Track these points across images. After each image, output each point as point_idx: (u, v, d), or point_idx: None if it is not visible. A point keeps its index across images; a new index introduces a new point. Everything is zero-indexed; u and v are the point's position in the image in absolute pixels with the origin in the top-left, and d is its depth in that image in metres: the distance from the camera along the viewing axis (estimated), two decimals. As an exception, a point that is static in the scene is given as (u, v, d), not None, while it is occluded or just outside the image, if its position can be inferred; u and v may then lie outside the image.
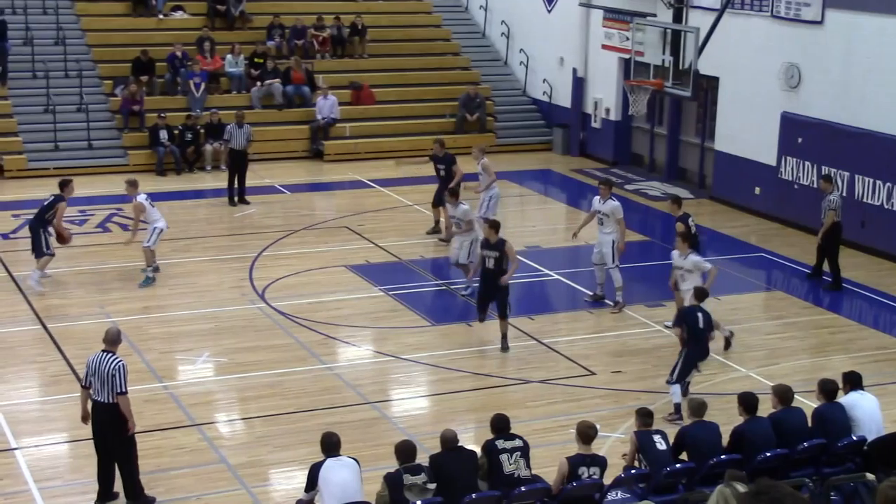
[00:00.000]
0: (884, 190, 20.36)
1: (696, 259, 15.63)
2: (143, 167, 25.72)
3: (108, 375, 11.24)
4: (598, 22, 27.10)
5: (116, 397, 11.28)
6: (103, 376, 11.27)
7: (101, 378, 11.29)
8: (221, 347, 15.99)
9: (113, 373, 11.24)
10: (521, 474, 10.57)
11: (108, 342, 11.57)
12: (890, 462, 10.62)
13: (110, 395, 11.29)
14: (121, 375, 11.27)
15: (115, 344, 11.58)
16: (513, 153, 28.74)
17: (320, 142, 27.49)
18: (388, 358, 15.76)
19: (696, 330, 13.82)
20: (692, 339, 13.87)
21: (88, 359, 11.52)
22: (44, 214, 18.26)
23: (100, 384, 11.32)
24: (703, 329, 13.85)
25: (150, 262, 18.35)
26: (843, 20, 21.20)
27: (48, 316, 16.93)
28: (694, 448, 11.04)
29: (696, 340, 13.87)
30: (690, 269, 15.52)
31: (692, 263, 15.53)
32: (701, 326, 13.83)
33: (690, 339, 13.88)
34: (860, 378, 11.92)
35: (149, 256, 18.35)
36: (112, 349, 11.49)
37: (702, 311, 13.96)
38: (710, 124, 25.23)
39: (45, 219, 18.26)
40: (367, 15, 30.65)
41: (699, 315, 13.90)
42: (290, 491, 11.75)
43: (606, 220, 17.58)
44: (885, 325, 17.59)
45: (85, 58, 27.86)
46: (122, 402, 11.32)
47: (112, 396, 11.28)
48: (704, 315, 13.94)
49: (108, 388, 11.28)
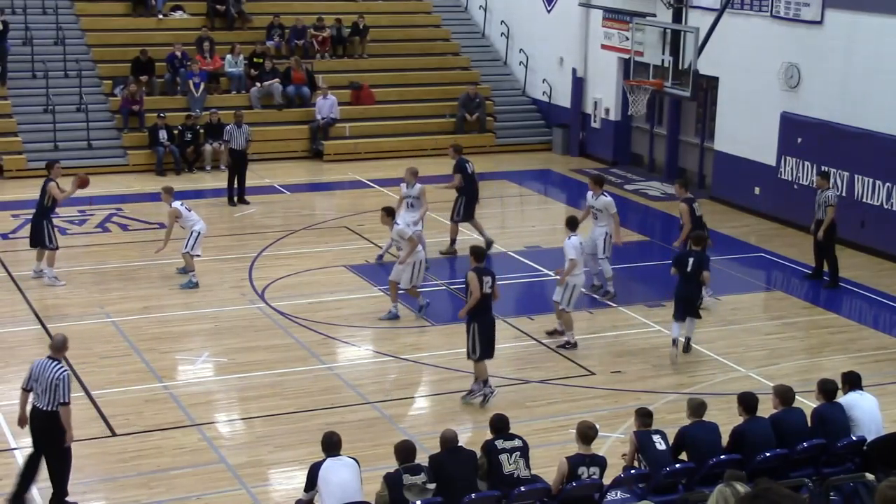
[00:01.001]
0: (883, 190, 20.36)
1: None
2: (143, 167, 25.75)
3: (51, 384, 11.11)
4: (597, 22, 27.11)
5: (58, 407, 11.14)
6: (45, 384, 11.14)
7: (42, 385, 11.16)
8: (221, 347, 16.00)
9: (56, 382, 11.10)
10: (521, 474, 10.58)
11: (53, 349, 11.45)
12: (889, 462, 10.63)
13: (51, 403, 11.15)
14: (64, 385, 11.13)
15: (61, 351, 11.45)
16: (512, 153, 28.75)
17: (320, 142, 27.50)
18: (388, 358, 15.76)
19: (685, 272, 15.58)
20: (682, 280, 15.63)
21: (33, 363, 11.43)
22: (41, 205, 18.24)
23: (41, 390, 11.19)
24: (690, 272, 15.53)
25: (191, 266, 18.19)
26: (842, 20, 21.20)
27: (48, 316, 16.93)
28: (693, 448, 11.04)
29: (685, 280, 15.58)
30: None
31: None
32: (689, 270, 15.55)
33: (681, 280, 15.64)
34: (859, 378, 11.93)
35: (189, 261, 18.18)
36: (57, 357, 11.36)
37: (694, 256, 15.65)
38: (710, 124, 25.24)
39: (44, 209, 18.23)
40: (367, 15, 30.66)
41: (691, 259, 15.61)
42: (289, 491, 11.76)
43: (600, 214, 17.90)
44: (885, 325, 17.60)
45: (84, 58, 27.87)
46: (63, 412, 11.18)
47: (53, 405, 11.15)
48: (696, 259, 15.59)
49: (49, 395, 11.14)
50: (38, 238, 18.24)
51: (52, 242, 18.24)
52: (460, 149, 20.52)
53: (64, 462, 11.45)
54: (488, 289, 14.01)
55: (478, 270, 14.07)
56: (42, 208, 18.33)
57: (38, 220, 18.33)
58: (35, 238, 18.28)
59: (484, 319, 14.08)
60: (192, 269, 18.14)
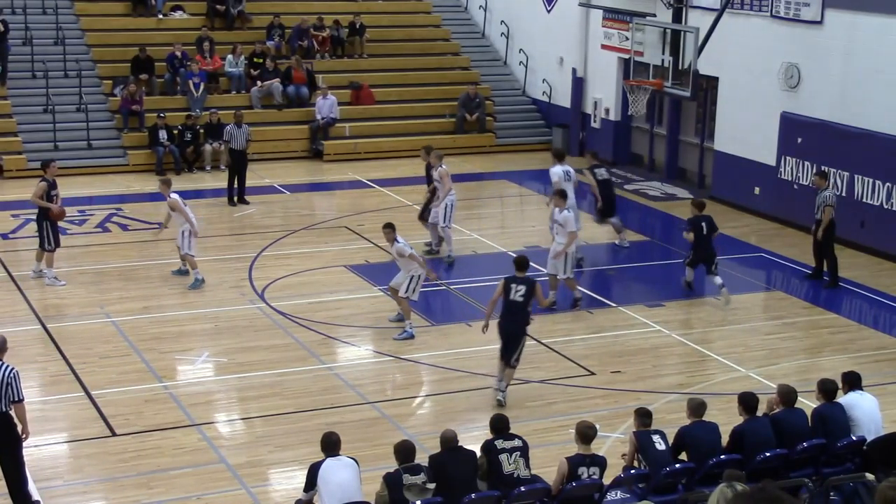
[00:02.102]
0: (883, 190, 20.36)
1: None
2: (143, 167, 25.75)
3: (2, 385, 10.98)
4: (597, 22, 27.10)
5: (11, 406, 11.05)
6: None
7: None
8: (221, 347, 16.00)
9: (8, 381, 10.99)
10: (521, 474, 10.57)
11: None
12: (889, 462, 10.63)
13: (2, 404, 11.05)
14: (16, 383, 11.05)
15: (2, 352, 11.31)
16: (512, 153, 28.75)
17: (320, 142, 27.50)
18: (388, 358, 15.76)
19: (700, 236, 18.00)
20: (697, 241, 17.97)
21: None
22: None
23: None
24: (706, 234, 18.01)
25: (193, 265, 18.17)
26: (842, 20, 21.20)
27: (48, 316, 16.93)
28: (693, 448, 11.04)
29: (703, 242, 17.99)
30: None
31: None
32: (704, 233, 18.00)
33: (697, 240, 17.96)
34: (859, 378, 11.92)
35: (191, 261, 18.18)
36: (0, 358, 11.23)
37: (706, 219, 18.14)
38: (710, 124, 25.24)
39: (41, 210, 18.23)
40: (366, 15, 30.66)
41: (703, 223, 18.07)
42: (289, 491, 11.76)
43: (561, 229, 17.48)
44: (885, 325, 17.59)
45: (84, 58, 27.87)
46: (18, 409, 11.12)
47: (4, 405, 11.06)
48: (708, 221, 18.15)
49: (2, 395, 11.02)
50: (40, 239, 18.24)
51: (50, 244, 18.22)
52: (431, 150, 20.60)
53: (18, 465, 11.34)
54: (519, 297, 14.16)
55: (510, 278, 14.39)
56: (40, 209, 18.32)
57: (38, 220, 18.33)
58: (40, 240, 18.31)
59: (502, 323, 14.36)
60: (195, 268, 18.14)
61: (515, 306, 14.21)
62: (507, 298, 14.25)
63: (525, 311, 14.26)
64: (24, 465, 11.45)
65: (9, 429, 11.21)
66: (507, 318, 14.29)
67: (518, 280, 14.33)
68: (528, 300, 14.24)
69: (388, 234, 16.32)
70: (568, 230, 17.25)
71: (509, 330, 14.24)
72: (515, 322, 14.26)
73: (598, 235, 21.60)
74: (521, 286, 14.24)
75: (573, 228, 17.40)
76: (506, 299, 14.27)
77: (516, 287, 14.23)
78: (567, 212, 17.47)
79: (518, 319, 14.27)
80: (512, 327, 14.24)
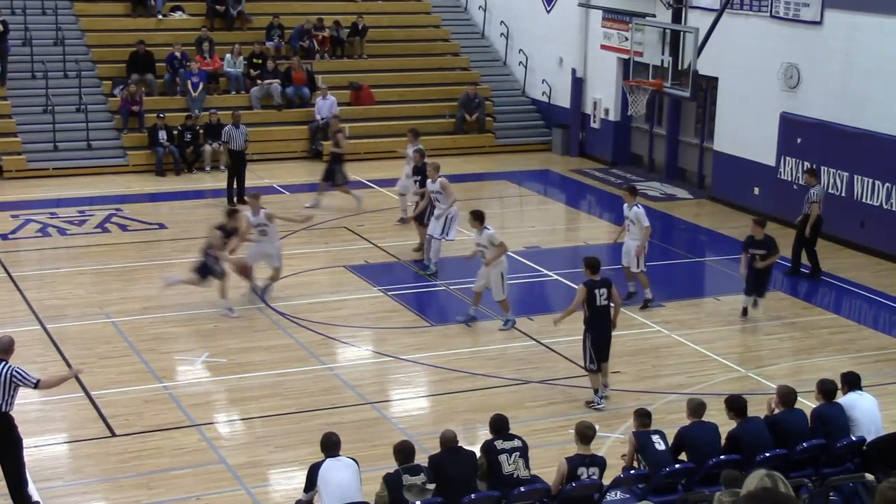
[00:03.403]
0: (883, 190, 20.37)
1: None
2: (143, 167, 25.75)
3: (7, 383, 11.02)
4: (597, 22, 27.11)
5: (12, 406, 11.10)
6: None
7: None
8: (221, 348, 16.00)
9: (13, 378, 11.04)
10: (521, 474, 10.58)
11: (1, 351, 11.29)
12: (889, 462, 10.63)
13: (5, 404, 11.08)
14: (22, 375, 11.12)
15: (8, 353, 11.31)
16: (512, 153, 28.75)
17: (319, 142, 27.49)
18: (388, 358, 15.76)
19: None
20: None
21: None
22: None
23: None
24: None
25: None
26: (842, 20, 21.21)
27: (47, 316, 16.92)
28: (693, 448, 11.05)
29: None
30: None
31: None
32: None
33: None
34: (859, 378, 11.92)
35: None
36: (5, 357, 11.25)
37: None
38: (710, 124, 25.25)
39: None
40: (366, 15, 30.66)
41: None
42: (289, 491, 11.77)
43: (633, 226, 17.54)
44: (885, 325, 17.60)
45: (84, 58, 27.87)
46: (43, 383, 11.37)
47: (7, 405, 11.09)
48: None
49: (3, 395, 11.05)
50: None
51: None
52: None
53: (19, 466, 11.35)
54: (604, 301, 14.04)
55: (590, 283, 14.11)
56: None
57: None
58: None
59: (597, 331, 14.13)
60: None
61: (603, 311, 14.10)
62: (594, 304, 14.01)
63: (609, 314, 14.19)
64: (24, 465, 11.46)
65: (9, 430, 11.22)
66: (602, 323, 14.11)
67: (598, 284, 14.10)
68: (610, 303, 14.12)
69: (475, 223, 16.66)
70: (644, 225, 17.33)
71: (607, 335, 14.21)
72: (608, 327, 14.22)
73: (598, 236, 21.59)
74: (604, 289, 14.07)
75: (647, 223, 17.41)
76: (593, 305, 14.02)
77: (600, 291, 14.03)
78: (637, 207, 17.50)
79: (608, 324, 14.21)
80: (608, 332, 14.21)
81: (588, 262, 14.33)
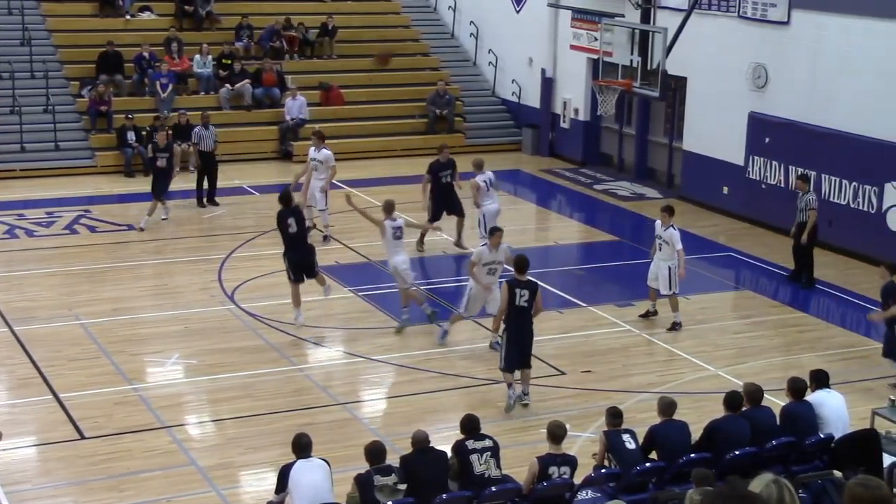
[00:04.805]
0: (850, 189, 20.52)
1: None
2: (111, 168, 25.60)
3: None
4: (566, 22, 27.14)
5: None
6: None
7: None
8: (191, 349, 15.94)
9: None
10: (492, 474, 10.60)
11: None
12: (857, 459, 10.71)
13: None
14: None
15: None
16: (482, 153, 28.64)
17: (289, 143, 27.43)
18: (359, 359, 15.75)
19: None
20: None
21: None
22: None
23: None
24: None
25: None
26: (809, 20, 21.35)
27: (16, 318, 16.80)
28: (664, 447, 11.10)
29: None
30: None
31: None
32: None
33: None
34: (827, 376, 12.02)
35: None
36: None
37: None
38: (679, 124, 25.37)
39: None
40: (336, 15, 30.59)
41: None
42: (260, 493, 11.74)
43: (665, 246, 16.86)
44: (852, 323, 17.73)
45: (51, 58, 27.67)
46: None
47: None
48: None
49: None
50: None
51: None
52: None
53: None
54: (524, 302, 13.90)
55: (512, 282, 14.03)
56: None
57: None
58: None
59: (514, 331, 14.03)
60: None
61: (522, 312, 13.94)
62: (513, 303, 13.88)
63: (530, 316, 14.05)
64: None
65: None
66: (519, 323, 13.98)
67: (521, 284, 14.02)
68: (531, 305, 13.97)
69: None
70: (677, 248, 16.61)
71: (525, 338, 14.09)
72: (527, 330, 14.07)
73: (568, 235, 21.65)
74: (525, 290, 13.94)
75: (680, 246, 16.63)
76: (512, 304, 13.90)
77: (520, 292, 13.93)
78: (673, 229, 16.73)
79: (529, 324, 14.06)
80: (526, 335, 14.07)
81: (515, 262, 14.32)
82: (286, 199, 16.73)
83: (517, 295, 13.87)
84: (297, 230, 16.39)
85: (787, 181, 21.67)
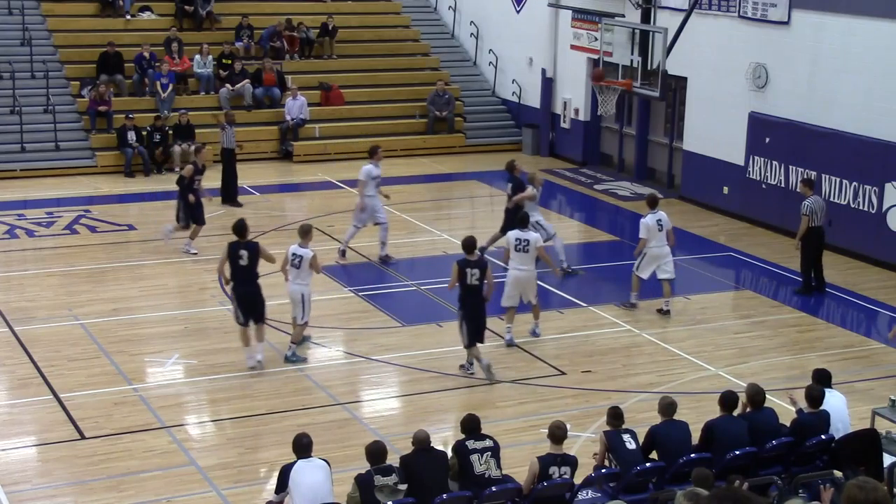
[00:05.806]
0: (850, 189, 20.51)
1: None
2: (111, 168, 25.60)
3: None
4: (566, 22, 27.13)
5: None
6: None
7: None
8: (191, 349, 15.93)
9: None
10: (492, 474, 10.59)
11: None
12: (857, 459, 10.71)
13: None
14: None
15: None
16: (482, 153, 28.75)
17: (290, 143, 27.43)
18: (359, 359, 15.74)
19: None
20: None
21: None
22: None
23: None
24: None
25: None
26: (809, 20, 21.35)
27: (15, 319, 16.80)
28: (664, 447, 11.09)
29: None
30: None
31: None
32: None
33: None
34: (829, 376, 12.00)
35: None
36: None
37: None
38: (679, 124, 25.36)
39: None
40: (336, 15, 30.60)
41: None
42: (260, 493, 11.72)
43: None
44: (853, 323, 17.73)
45: (52, 59, 27.67)
46: None
47: None
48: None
49: None
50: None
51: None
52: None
53: None
54: (475, 280, 14.75)
55: (462, 262, 14.86)
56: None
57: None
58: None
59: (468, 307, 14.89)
60: None
61: (474, 290, 14.80)
62: (464, 282, 14.80)
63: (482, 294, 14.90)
64: None
65: None
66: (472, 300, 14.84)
67: (471, 263, 14.84)
68: (482, 283, 14.82)
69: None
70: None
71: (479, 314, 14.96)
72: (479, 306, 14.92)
73: (568, 235, 21.63)
74: (476, 269, 14.78)
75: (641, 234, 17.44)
76: (464, 283, 14.81)
77: (471, 271, 14.77)
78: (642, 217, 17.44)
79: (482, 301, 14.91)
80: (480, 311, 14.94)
81: (463, 243, 15.08)
82: (241, 231, 15.56)
83: (468, 274, 14.76)
84: (248, 264, 15.83)
85: (787, 181, 21.66)
